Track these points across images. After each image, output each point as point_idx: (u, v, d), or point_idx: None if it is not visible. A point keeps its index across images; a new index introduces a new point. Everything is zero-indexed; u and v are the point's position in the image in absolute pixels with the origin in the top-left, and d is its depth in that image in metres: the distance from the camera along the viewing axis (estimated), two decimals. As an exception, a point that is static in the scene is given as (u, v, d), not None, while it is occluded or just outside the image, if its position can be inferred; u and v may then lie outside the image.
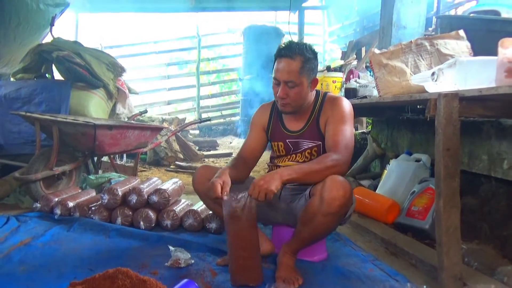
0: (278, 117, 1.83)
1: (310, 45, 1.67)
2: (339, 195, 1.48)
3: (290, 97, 1.66)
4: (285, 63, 1.62)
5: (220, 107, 8.88)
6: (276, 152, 1.84)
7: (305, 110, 1.75)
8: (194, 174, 1.86)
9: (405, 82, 1.96)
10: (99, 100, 3.54)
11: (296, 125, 1.78)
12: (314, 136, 1.73)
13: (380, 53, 2.06)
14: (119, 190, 2.26)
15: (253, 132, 1.85)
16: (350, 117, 1.68)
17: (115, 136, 2.78)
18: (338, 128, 1.64)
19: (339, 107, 1.69)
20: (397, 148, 2.90)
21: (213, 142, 6.79)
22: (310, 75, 1.66)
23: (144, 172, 4.39)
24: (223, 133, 8.11)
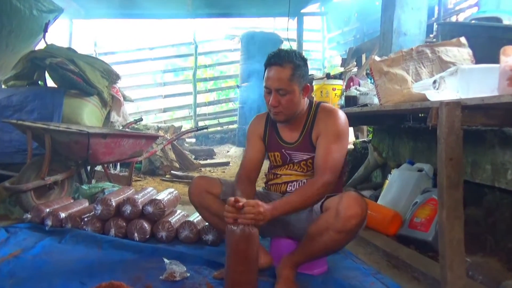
0: (273, 127, 1.85)
1: (299, 52, 1.71)
2: (357, 213, 1.49)
3: (282, 105, 1.68)
4: (275, 71, 1.65)
5: (217, 115, 8.90)
6: (273, 162, 1.86)
7: (299, 119, 1.77)
8: (190, 184, 1.86)
9: (406, 90, 1.98)
10: (93, 108, 3.54)
11: (291, 136, 1.80)
12: (308, 149, 1.75)
13: (381, 61, 2.08)
14: (112, 201, 2.25)
15: (251, 142, 1.87)
16: (343, 134, 1.69)
17: (109, 145, 2.77)
18: (329, 148, 1.66)
19: (333, 122, 1.70)
20: (399, 157, 2.90)
21: (210, 151, 6.78)
22: (301, 82, 1.68)
23: (138, 182, 4.37)
24: (221, 141, 8.11)
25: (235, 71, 9.62)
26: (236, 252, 1.48)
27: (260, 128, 1.87)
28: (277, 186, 1.83)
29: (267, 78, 1.68)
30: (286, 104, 1.68)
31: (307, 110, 1.78)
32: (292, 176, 1.80)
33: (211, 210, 1.82)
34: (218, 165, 5.87)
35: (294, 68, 1.64)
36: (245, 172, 1.81)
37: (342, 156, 1.68)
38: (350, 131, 4.64)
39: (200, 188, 1.78)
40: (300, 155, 1.77)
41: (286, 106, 1.68)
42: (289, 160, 1.80)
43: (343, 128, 1.69)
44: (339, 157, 1.66)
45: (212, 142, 8.07)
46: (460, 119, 1.44)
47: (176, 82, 9.05)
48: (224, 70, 10.30)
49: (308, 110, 1.78)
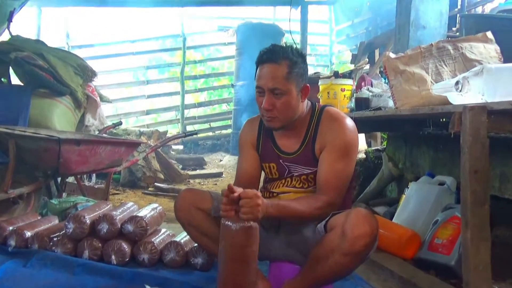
0: (268, 134, 1.84)
1: (296, 48, 1.71)
2: (365, 233, 1.50)
3: (277, 109, 1.67)
4: (269, 68, 1.65)
5: (209, 118, 8.93)
6: (269, 175, 1.85)
7: (299, 125, 1.77)
8: (176, 198, 1.86)
9: (425, 91, 2.00)
10: (65, 110, 3.55)
11: (290, 145, 1.79)
12: (310, 162, 1.75)
13: (396, 58, 2.10)
14: (86, 218, 2.25)
15: (244, 153, 1.87)
16: (351, 148, 1.69)
17: (83, 153, 2.78)
18: (334, 166, 1.67)
19: (339, 133, 1.70)
20: (417, 168, 2.92)
21: (199, 159, 6.79)
22: (299, 82, 1.68)
23: (117, 196, 4.37)
24: (212, 149, 8.13)
25: (229, 67, 9.65)
26: (232, 246, 1.46)
27: (253, 135, 1.87)
28: None
29: (259, 77, 1.67)
30: (282, 108, 1.67)
31: (309, 114, 1.77)
32: (290, 194, 1.79)
33: (201, 228, 1.82)
34: (209, 176, 5.87)
35: (290, 65, 1.65)
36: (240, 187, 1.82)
37: (349, 174, 1.69)
38: (361, 138, 4.67)
39: (188, 203, 1.79)
40: (300, 169, 1.77)
41: (282, 109, 1.68)
42: (287, 172, 1.80)
43: (351, 140, 1.70)
44: (345, 176, 1.68)
45: (202, 149, 8.08)
46: (486, 125, 1.46)
47: (161, 80, 9.08)
48: (216, 67, 10.35)
49: (311, 115, 1.78)
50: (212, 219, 1.79)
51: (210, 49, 10.36)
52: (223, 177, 5.90)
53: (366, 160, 3.62)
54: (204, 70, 10.16)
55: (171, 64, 9.25)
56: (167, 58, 10.10)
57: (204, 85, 9.88)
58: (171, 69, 9.64)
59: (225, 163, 7.02)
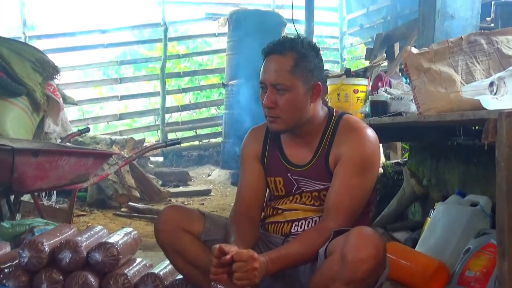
0: (276, 143, 1.88)
1: (310, 40, 1.78)
2: (369, 256, 1.50)
3: (280, 107, 1.73)
4: (273, 60, 1.73)
5: (195, 124, 8.94)
6: (274, 191, 1.88)
7: (312, 132, 1.80)
8: (157, 219, 1.86)
9: (454, 94, 2.02)
10: (20, 113, 3.55)
11: (300, 155, 1.82)
12: (323, 176, 1.77)
13: (419, 53, 2.13)
14: (45, 244, 2.24)
15: (247, 167, 1.91)
16: (371, 164, 1.73)
17: (42, 166, 2.78)
18: (348, 182, 1.70)
19: (358, 144, 1.73)
20: (445, 186, 2.93)
21: (183, 174, 6.79)
22: (309, 78, 1.73)
23: (83, 218, 4.36)
24: (198, 161, 8.13)
25: (220, 63, 9.69)
26: None
27: (257, 145, 1.90)
28: (277, 226, 1.85)
29: (263, 71, 1.75)
30: (285, 106, 1.72)
31: (324, 121, 1.82)
32: (299, 212, 1.81)
33: (188, 256, 1.82)
34: (195, 194, 5.86)
35: (298, 58, 1.71)
36: (242, 208, 1.84)
37: (365, 193, 1.72)
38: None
39: (174, 224, 1.80)
40: (311, 184, 1.80)
41: (285, 108, 1.72)
42: (295, 188, 1.82)
43: (371, 154, 1.73)
44: (360, 195, 1.70)
45: (186, 162, 8.08)
46: (527, 135, 1.48)
47: (138, 78, 9.11)
48: (204, 62, 10.40)
49: (327, 122, 1.82)
50: (203, 245, 1.80)
51: (197, 41, 10.42)
52: (211, 196, 5.90)
53: (383, 175, 3.64)
54: (189, 66, 10.21)
55: (150, 59, 9.28)
56: (145, 51, 10.15)
57: (189, 85, 9.90)
58: (150, 65, 9.68)
59: (214, 178, 7.02)
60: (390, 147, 4.44)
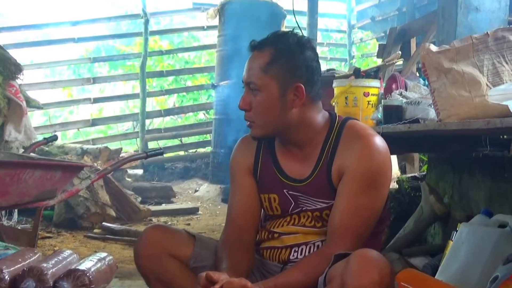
0: (270, 154, 1.88)
1: (298, 35, 1.78)
2: (371, 282, 1.49)
3: (254, 110, 1.76)
4: (252, 57, 1.78)
5: (180, 131, 8.94)
6: (268, 211, 1.88)
7: (312, 142, 1.80)
8: (137, 242, 1.86)
9: (478, 98, 2.03)
10: (-23, 119, 3.54)
11: (298, 169, 1.82)
12: (326, 193, 1.77)
13: (439, 51, 2.14)
14: (5, 272, 2.24)
15: (238, 183, 1.91)
16: (380, 178, 1.72)
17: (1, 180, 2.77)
18: (355, 201, 1.69)
19: (365, 156, 1.72)
20: (469, 204, 2.94)
21: (166, 189, 6.78)
22: (287, 79, 1.73)
23: (49, 241, 4.34)
24: (184, 174, 8.13)
25: (209, 61, 9.72)
26: None
27: (249, 157, 1.90)
28: (274, 252, 1.84)
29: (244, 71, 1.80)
30: (256, 109, 1.76)
31: (325, 128, 1.81)
32: (298, 236, 1.81)
33: (174, 286, 1.82)
34: (180, 213, 5.85)
35: (274, 54, 1.73)
36: (234, 231, 1.84)
37: (375, 214, 1.72)
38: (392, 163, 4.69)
39: (157, 247, 1.79)
40: (312, 202, 1.79)
41: (257, 111, 1.76)
42: (293, 207, 1.82)
43: (381, 168, 1.72)
44: (369, 217, 1.70)
45: (170, 175, 8.08)
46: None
47: (114, 78, 9.13)
48: (191, 60, 10.43)
49: (328, 129, 1.81)
50: (192, 273, 1.80)
51: (183, 35, 10.44)
52: (199, 215, 5.89)
53: (398, 192, 3.64)
54: (173, 64, 10.23)
55: (128, 56, 9.30)
56: (122, 47, 10.16)
57: (174, 86, 9.91)
58: (128, 63, 9.70)
59: (202, 194, 7.01)
60: (406, 159, 4.45)
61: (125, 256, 3.79)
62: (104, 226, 4.78)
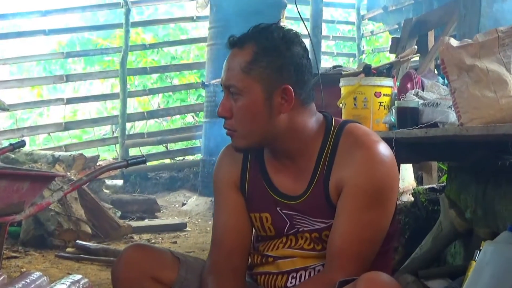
0: (259, 167, 1.85)
1: (285, 29, 1.73)
2: None
3: (235, 117, 1.72)
4: (231, 56, 1.75)
5: (165, 136, 8.93)
6: (260, 231, 1.86)
7: (305, 152, 1.76)
8: (116, 263, 1.86)
9: (505, 99, 2.04)
10: None
11: (292, 184, 1.79)
12: (325, 211, 1.74)
13: (461, 46, 2.15)
14: (-33, 296, 2.24)
15: (223, 200, 1.89)
16: (385, 192, 1.69)
17: (-38, 191, 2.77)
18: (357, 221, 1.66)
19: (367, 167, 1.68)
20: (494, 219, 2.95)
21: (150, 202, 6.76)
22: (272, 80, 1.68)
23: (15, 261, 4.32)
24: (170, 185, 8.11)
25: (199, 56, 9.72)
26: None
27: (234, 170, 1.87)
28: (269, 278, 1.83)
29: None
30: (238, 115, 1.71)
31: (320, 134, 1.77)
32: (296, 260, 1.79)
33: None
34: (166, 229, 5.85)
35: (257, 52, 1.68)
36: (221, 256, 1.83)
37: (380, 233, 1.69)
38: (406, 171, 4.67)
39: (138, 270, 1.78)
40: (309, 221, 1.76)
41: (238, 118, 1.71)
42: (289, 227, 1.79)
43: (385, 180, 1.68)
44: (374, 236, 1.68)
45: (154, 186, 8.07)
46: None
47: (90, 75, 9.09)
48: (178, 55, 10.43)
49: (324, 135, 1.77)
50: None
51: (169, 27, 10.45)
52: (187, 232, 5.89)
53: (414, 205, 3.65)
54: (158, 60, 10.22)
55: (106, 50, 9.29)
56: (100, 40, 10.16)
57: (159, 84, 9.91)
58: (106, 58, 9.70)
59: (191, 208, 7.00)
60: (422, 168, 4.46)
61: (102, 279, 3.78)
62: (79, 244, 4.77)
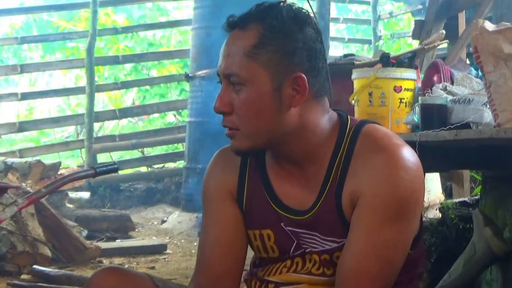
0: (260, 174, 1.84)
1: (296, 8, 1.72)
2: None
3: (237, 112, 1.70)
4: (231, 39, 1.71)
5: (141, 138, 8.93)
6: (261, 252, 1.86)
7: (315, 156, 1.75)
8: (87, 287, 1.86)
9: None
10: None
11: (299, 195, 1.78)
12: (337, 228, 1.73)
13: (497, 31, 2.16)
14: None
15: (215, 214, 1.88)
16: (409, 205, 1.68)
17: None
18: (375, 239, 1.65)
19: (389, 176, 1.67)
20: (540, 240, 2.95)
21: (122, 219, 6.76)
22: (283, 67, 1.67)
23: (-42, 290, 4.33)
24: (147, 198, 8.12)
25: (182, 42, 9.72)
26: None
27: (231, 177, 1.87)
28: None
29: (219, 59, 1.73)
30: (241, 110, 1.68)
31: (333, 136, 1.76)
32: (302, 287, 1.78)
33: None
34: (142, 252, 5.85)
35: (264, 35, 1.66)
36: (208, 281, 1.83)
37: (402, 253, 1.68)
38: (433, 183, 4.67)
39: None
40: (318, 241, 1.76)
41: (242, 114, 1.69)
42: (295, 247, 1.80)
43: (410, 191, 1.67)
44: (395, 257, 1.67)
45: (128, 199, 8.07)
46: None
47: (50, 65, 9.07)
48: (157, 41, 10.44)
49: (337, 138, 1.77)
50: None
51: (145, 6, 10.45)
52: (167, 255, 5.89)
53: (442, 223, 3.65)
54: (133, 46, 10.22)
55: (69, 35, 9.28)
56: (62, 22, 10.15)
57: (133, 76, 9.90)
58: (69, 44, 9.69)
59: (173, 226, 7.00)
60: (452, 178, 4.47)
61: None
62: (36, 270, 4.76)
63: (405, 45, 9.02)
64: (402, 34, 9.89)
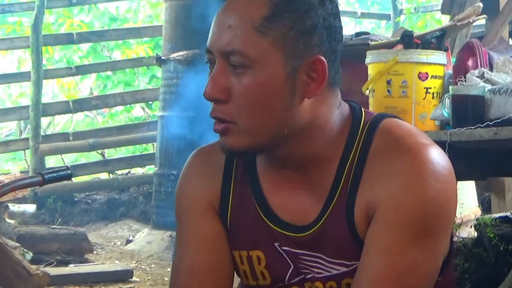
0: (249, 181, 1.84)
1: None
2: None
3: (236, 101, 1.66)
4: (231, 9, 1.68)
5: (100, 137, 8.95)
6: (248, 279, 1.86)
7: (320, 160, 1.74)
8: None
9: None
10: None
11: (299, 208, 1.77)
12: (347, 248, 1.73)
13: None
14: None
15: (191, 232, 1.88)
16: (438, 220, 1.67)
17: None
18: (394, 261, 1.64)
19: (413, 185, 1.65)
20: None
21: (77, 238, 6.78)
22: (299, 47, 1.65)
23: None
24: (108, 212, 8.16)
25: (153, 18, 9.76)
26: None
27: (212, 185, 1.87)
28: None
29: (211, 32, 1.68)
30: (243, 99, 1.65)
31: (344, 134, 1.76)
32: None
33: None
34: (102, 279, 5.90)
35: (276, 4, 1.63)
36: None
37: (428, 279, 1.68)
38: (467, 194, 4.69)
39: None
40: (323, 265, 1.76)
41: (243, 104, 1.65)
42: (292, 272, 1.81)
43: (439, 204, 1.65)
44: (419, 284, 1.66)
45: (84, 214, 8.11)
46: None
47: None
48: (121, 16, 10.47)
49: (348, 136, 1.76)
50: None
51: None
52: (133, 283, 5.95)
53: (478, 243, 3.68)
54: (91, 22, 10.25)
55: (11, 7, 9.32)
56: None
57: (91, 59, 9.93)
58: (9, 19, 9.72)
59: (140, 247, 7.04)
60: (490, 187, 4.50)
61: None
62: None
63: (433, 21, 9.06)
64: (428, 8, 9.95)
